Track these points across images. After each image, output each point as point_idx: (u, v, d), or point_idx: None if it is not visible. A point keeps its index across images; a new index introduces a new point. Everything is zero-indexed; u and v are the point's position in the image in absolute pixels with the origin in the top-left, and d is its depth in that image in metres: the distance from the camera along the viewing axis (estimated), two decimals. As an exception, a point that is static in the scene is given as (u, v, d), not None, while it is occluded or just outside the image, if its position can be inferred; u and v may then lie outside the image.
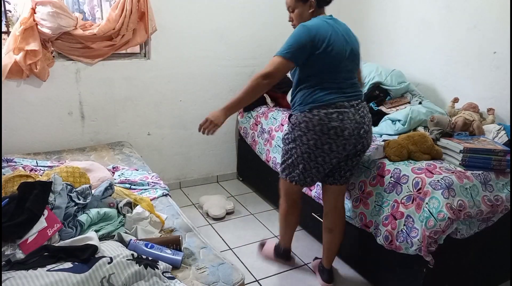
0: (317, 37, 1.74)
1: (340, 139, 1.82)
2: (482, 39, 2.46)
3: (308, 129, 1.82)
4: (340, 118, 1.80)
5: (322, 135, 1.81)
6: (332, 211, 2.10)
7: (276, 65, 1.78)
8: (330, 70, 1.81)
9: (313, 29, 1.75)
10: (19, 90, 2.61)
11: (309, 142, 1.83)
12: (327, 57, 1.77)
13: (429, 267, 1.79)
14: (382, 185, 1.98)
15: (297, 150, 1.89)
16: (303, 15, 1.88)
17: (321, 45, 1.75)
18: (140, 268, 1.30)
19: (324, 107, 1.80)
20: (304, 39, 1.74)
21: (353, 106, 1.84)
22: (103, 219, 1.65)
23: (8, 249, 1.37)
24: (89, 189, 1.78)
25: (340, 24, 1.88)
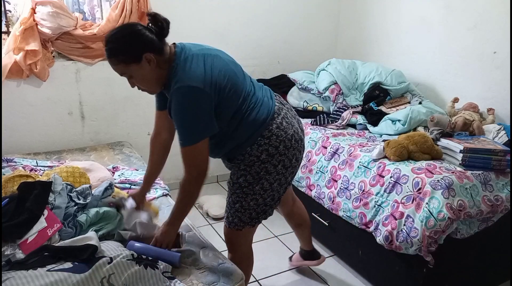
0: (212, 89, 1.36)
1: (300, 143, 1.60)
2: (482, 39, 2.46)
3: (271, 155, 1.51)
4: (289, 123, 1.56)
5: (287, 151, 1.53)
6: (292, 208, 2.02)
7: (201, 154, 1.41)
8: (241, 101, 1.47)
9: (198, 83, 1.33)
10: (19, 90, 2.61)
11: (277, 167, 1.53)
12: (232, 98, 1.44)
13: (429, 267, 1.79)
14: (382, 185, 1.98)
15: (263, 185, 1.54)
16: (147, 76, 1.39)
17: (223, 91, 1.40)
18: (140, 268, 1.30)
19: (271, 122, 1.51)
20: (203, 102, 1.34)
21: (281, 103, 1.62)
22: (103, 218, 1.65)
23: (8, 249, 1.37)
24: (89, 189, 1.78)
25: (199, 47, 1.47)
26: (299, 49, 3.51)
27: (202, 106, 1.35)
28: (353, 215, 2.11)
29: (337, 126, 2.71)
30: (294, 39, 3.44)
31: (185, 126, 1.37)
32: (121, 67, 1.37)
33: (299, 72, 3.15)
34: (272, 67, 3.43)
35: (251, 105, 1.50)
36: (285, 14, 3.35)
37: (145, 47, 1.35)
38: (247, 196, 1.56)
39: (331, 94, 2.85)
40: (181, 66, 1.37)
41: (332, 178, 2.27)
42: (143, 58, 1.35)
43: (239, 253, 1.69)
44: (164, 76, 1.41)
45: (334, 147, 2.35)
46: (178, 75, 1.35)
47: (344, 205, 2.17)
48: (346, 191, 2.16)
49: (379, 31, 3.22)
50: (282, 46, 3.43)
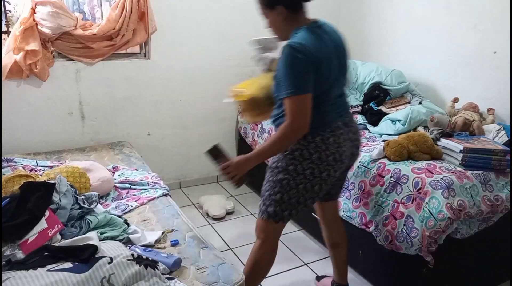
0: (311, 58, 1.47)
1: (339, 164, 1.63)
2: (482, 39, 2.47)
3: (304, 157, 1.58)
4: (338, 142, 1.60)
5: (321, 163, 1.58)
6: (333, 225, 1.97)
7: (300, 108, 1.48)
8: (322, 90, 1.55)
9: (305, 48, 1.45)
10: (19, 90, 2.61)
11: (305, 171, 1.59)
12: (320, 79, 1.51)
13: (429, 267, 1.79)
14: (382, 185, 1.98)
15: (289, 181, 1.60)
16: (276, 23, 1.60)
17: (321, 66, 1.49)
18: (140, 268, 1.30)
19: (319, 133, 1.58)
20: (305, 61, 1.46)
21: (346, 124, 1.65)
22: (109, 224, 1.67)
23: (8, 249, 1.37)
24: (97, 197, 1.80)
25: (327, 29, 1.60)
26: (299, 49, 3.51)
27: (308, 66, 1.46)
28: (353, 215, 2.11)
29: (337, 126, 2.71)
30: (294, 39, 3.43)
31: (292, 76, 1.46)
32: (260, 7, 1.63)
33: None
34: (272, 67, 3.43)
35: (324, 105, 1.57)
36: (285, 14, 3.35)
37: (281, 1, 1.54)
38: (276, 186, 1.63)
39: (331, 94, 2.85)
40: (303, 32, 1.51)
41: (332, 178, 2.27)
42: (276, 8, 1.55)
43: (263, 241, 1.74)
44: (288, 32, 1.56)
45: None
46: (295, 36, 1.51)
47: (344, 205, 2.17)
48: (346, 191, 2.16)
49: (379, 31, 3.22)
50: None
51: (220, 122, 3.41)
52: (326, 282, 2.14)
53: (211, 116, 3.35)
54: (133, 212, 1.94)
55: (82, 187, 1.92)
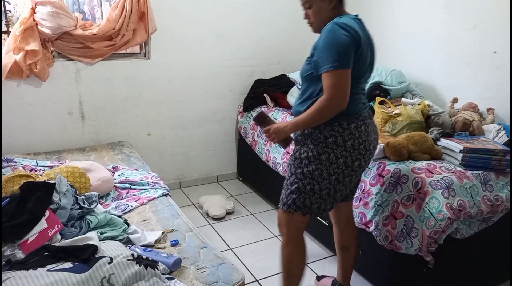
0: (355, 38, 1.50)
1: (368, 154, 1.64)
2: (482, 39, 2.46)
3: (338, 145, 1.57)
4: (367, 131, 1.63)
5: (353, 151, 1.59)
6: (345, 228, 1.94)
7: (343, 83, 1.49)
8: (357, 77, 1.56)
9: (350, 28, 1.49)
10: (19, 90, 2.61)
11: (339, 160, 1.58)
12: (358, 62, 1.54)
13: (429, 267, 1.79)
14: (382, 185, 1.98)
15: (322, 171, 1.59)
16: (322, 12, 1.60)
17: (359, 49, 1.52)
18: (140, 268, 1.30)
19: (353, 120, 1.59)
20: (347, 38, 1.48)
21: (370, 116, 1.69)
22: (109, 224, 1.67)
23: (8, 249, 1.37)
24: (97, 197, 1.80)
25: (365, 27, 1.65)
26: (299, 49, 3.51)
27: (350, 45, 1.49)
28: (353, 215, 2.11)
29: (337, 126, 2.71)
30: (294, 39, 3.44)
31: (337, 51, 1.47)
32: None
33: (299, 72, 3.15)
34: (272, 67, 3.43)
35: (355, 93, 1.56)
36: (285, 14, 3.35)
37: None
38: (306, 178, 1.61)
39: (331, 94, 2.85)
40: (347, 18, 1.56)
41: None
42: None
43: (289, 238, 1.71)
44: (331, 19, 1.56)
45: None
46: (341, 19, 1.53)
47: (344, 205, 2.17)
48: (346, 191, 2.16)
49: (379, 31, 3.21)
50: (282, 46, 3.43)
51: (220, 122, 3.42)
52: (327, 282, 2.14)
53: (211, 116, 3.35)
54: (133, 212, 1.94)
55: (82, 187, 1.92)
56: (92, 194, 1.82)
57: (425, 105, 2.37)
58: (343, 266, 2.01)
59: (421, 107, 2.36)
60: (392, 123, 2.31)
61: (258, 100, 3.21)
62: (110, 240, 1.54)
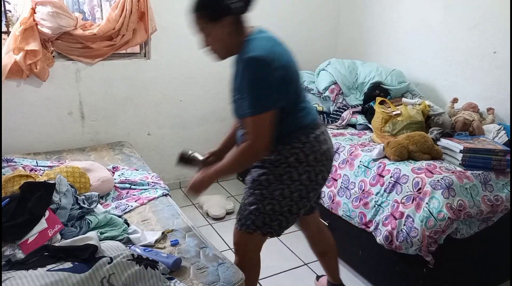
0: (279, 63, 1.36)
1: (329, 163, 1.56)
2: (482, 39, 2.46)
3: (300, 161, 1.47)
4: (326, 139, 1.55)
5: (316, 164, 1.49)
6: (317, 234, 1.89)
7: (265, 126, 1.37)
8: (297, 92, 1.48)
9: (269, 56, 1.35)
10: (19, 90, 2.61)
11: (301, 176, 1.48)
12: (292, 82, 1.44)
13: (429, 267, 1.79)
14: (382, 185, 1.98)
15: (283, 190, 1.48)
16: (222, 39, 1.43)
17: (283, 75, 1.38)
18: (140, 268, 1.30)
19: (311, 131, 1.50)
20: (269, 73, 1.34)
21: (322, 122, 1.61)
22: (109, 224, 1.67)
23: (8, 249, 1.37)
24: (97, 197, 1.80)
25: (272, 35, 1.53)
26: (299, 49, 3.48)
27: (269, 78, 1.35)
28: (353, 214, 2.11)
29: (337, 126, 2.72)
30: (294, 39, 3.41)
31: (255, 94, 1.35)
32: (202, 22, 1.41)
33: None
34: (272, 67, 3.43)
35: (302, 105, 1.50)
36: (285, 14, 3.35)
37: (230, 10, 1.38)
38: (265, 199, 1.50)
39: (331, 94, 2.85)
40: (256, 40, 1.40)
41: (332, 177, 2.27)
42: (222, 20, 1.38)
43: (246, 259, 1.63)
44: (236, 46, 1.43)
45: (334, 146, 2.34)
46: (251, 47, 1.38)
47: (344, 205, 2.17)
48: (346, 191, 2.16)
49: (379, 31, 3.22)
50: (282, 46, 3.43)
51: (220, 122, 3.41)
52: (324, 281, 2.14)
53: (211, 116, 3.35)
54: (133, 212, 1.94)
55: (82, 187, 1.92)
56: (92, 194, 1.83)
57: (425, 105, 2.37)
58: (327, 269, 1.99)
59: (422, 107, 2.36)
60: (392, 123, 2.31)
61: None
62: (110, 240, 1.54)
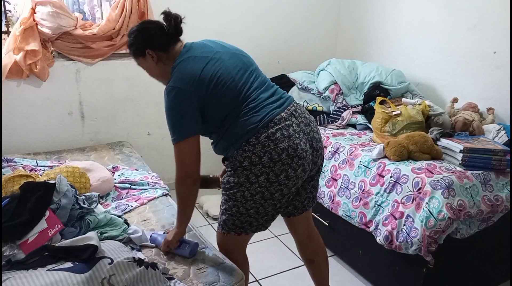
0: (196, 87, 1.39)
1: (296, 160, 1.43)
2: (482, 39, 2.46)
3: (254, 164, 1.41)
4: (286, 135, 1.42)
5: (274, 165, 1.41)
6: (305, 240, 1.80)
7: (189, 153, 1.43)
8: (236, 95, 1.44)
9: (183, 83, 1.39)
10: (19, 90, 2.61)
11: (259, 178, 1.42)
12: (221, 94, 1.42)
13: (429, 267, 1.79)
14: (382, 185, 1.98)
15: (244, 193, 1.45)
16: (152, 69, 1.54)
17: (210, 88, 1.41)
18: (140, 269, 1.30)
19: (262, 130, 1.41)
20: (185, 100, 1.39)
21: (293, 114, 1.49)
22: (109, 224, 1.67)
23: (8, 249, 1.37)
24: (97, 198, 1.80)
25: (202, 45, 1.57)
26: (299, 49, 3.51)
27: (185, 106, 1.40)
28: (353, 214, 2.11)
29: (337, 126, 2.72)
30: (294, 39, 3.44)
31: (171, 124, 1.43)
32: (135, 58, 1.55)
33: (299, 72, 3.15)
34: (272, 67, 3.42)
35: (246, 109, 1.44)
36: (285, 14, 3.35)
37: (147, 43, 1.49)
38: (230, 200, 1.50)
39: (331, 94, 2.85)
40: (178, 67, 1.45)
41: (332, 177, 2.27)
42: (146, 53, 1.49)
43: (231, 259, 1.59)
44: (167, 73, 1.49)
45: (334, 146, 2.35)
46: (172, 76, 1.44)
47: (344, 205, 2.17)
48: (346, 191, 2.16)
49: (379, 31, 3.22)
50: (282, 46, 3.43)
51: (220, 122, 3.41)
52: None
53: (211, 116, 3.35)
54: (133, 212, 1.94)
55: (82, 187, 1.92)
56: (92, 194, 1.82)
57: (426, 105, 2.37)
58: (314, 278, 1.90)
59: (422, 107, 2.36)
60: (392, 123, 2.31)
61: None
62: (110, 240, 1.55)
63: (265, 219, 1.54)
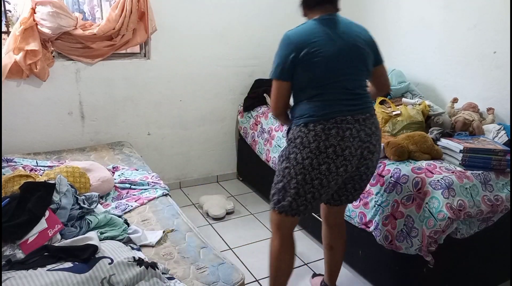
0: (298, 45, 1.56)
1: (341, 159, 1.56)
2: (482, 39, 2.46)
3: (304, 146, 1.56)
4: (341, 135, 1.55)
5: (319, 154, 1.54)
6: (332, 228, 1.94)
7: (274, 92, 1.64)
8: (325, 78, 1.57)
9: (292, 35, 1.59)
10: (19, 90, 2.61)
11: (304, 161, 1.56)
12: (315, 64, 1.55)
13: (429, 267, 1.79)
14: (382, 185, 1.98)
15: (290, 170, 1.60)
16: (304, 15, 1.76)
17: (304, 53, 1.54)
18: (140, 269, 1.30)
19: (322, 122, 1.55)
20: (284, 50, 1.58)
21: (358, 121, 1.58)
22: (109, 224, 1.67)
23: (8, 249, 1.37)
24: (97, 198, 1.80)
25: (338, 22, 1.64)
26: (299, 49, 3.51)
27: (284, 53, 1.59)
28: (352, 214, 2.11)
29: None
30: (294, 39, 3.43)
31: (275, 62, 1.63)
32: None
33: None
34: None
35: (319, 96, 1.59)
36: (285, 14, 3.35)
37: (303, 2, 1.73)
38: (279, 175, 1.66)
39: (331, 94, 2.85)
40: (303, 24, 1.65)
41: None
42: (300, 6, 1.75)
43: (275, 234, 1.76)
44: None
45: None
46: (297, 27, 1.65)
47: (344, 205, 2.17)
48: (346, 191, 2.16)
49: (379, 31, 3.21)
50: (282, 46, 3.43)
51: (220, 122, 3.42)
52: (316, 281, 2.14)
53: (211, 116, 3.35)
54: (133, 212, 1.94)
55: (82, 187, 1.92)
56: (92, 194, 1.83)
57: (425, 105, 2.37)
58: (328, 266, 2.02)
59: (422, 107, 2.36)
60: (392, 123, 2.31)
61: (258, 100, 3.21)
62: (110, 240, 1.55)
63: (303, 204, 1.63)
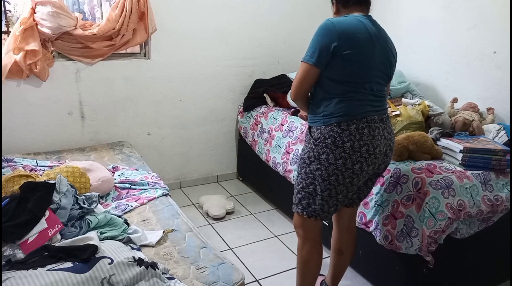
0: (341, 35, 1.51)
1: (372, 158, 1.59)
2: (482, 39, 2.47)
3: (337, 145, 1.55)
4: (372, 134, 1.58)
5: (353, 153, 1.56)
6: (344, 232, 1.92)
7: (301, 75, 1.58)
8: (359, 76, 1.56)
9: (337, 24, 1.53)
10: (19, 90, 2.61)
11: (338, 161, 1.56)
12: (353, 60, 1.53)
13: (429, 267, 1.79)
14: (382, 185, 1.98)
15: (322, 172, 1.59)
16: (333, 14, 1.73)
17: (346, 45, 1.52)
18: (140, 269, 1.30)
19: (355, 121, 1.56)
20: (326, 36, 1.52)
21: (383, 120, 1.63)
22: (109, 224, 1.67)
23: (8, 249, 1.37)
24: (97, 198, 1.80)
25: (376, 25, 1.65)
26: (299, 49, 3.49)
27: (324, 39, 1.53)
28: (353, 215, 2.11)
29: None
30: (294, 39, 3.44)
31: (311, 46, 1.56)
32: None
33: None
34: (272, 67, 3.43)
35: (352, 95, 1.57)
36: (285, 14, 3.35)
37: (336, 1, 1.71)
38: (308, 178, 1.63)
39: (331, 94, 2.85)
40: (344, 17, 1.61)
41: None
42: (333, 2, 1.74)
43: (303, 238, 1.76)
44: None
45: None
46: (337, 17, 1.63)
47: (344, 205, 2.17)
48: (346, 191, 2.16)
49: (379, 31, 3.22)
50: (282, 46, 3.43)
51: (220, 122, 3.42)
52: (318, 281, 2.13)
53: (211, 116, 3.35)
54: (133, 212, 1.94)
55: (82, 187, 1.92)
56: (92, 194, 1.83)
57: (425, 105, 2.37)
58: (334, 269, 2.01)
59: (422, 107, 2.36)
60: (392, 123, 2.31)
61: (258, 100, 3.21)
62: (110, 240, 1.55)
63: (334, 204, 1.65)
